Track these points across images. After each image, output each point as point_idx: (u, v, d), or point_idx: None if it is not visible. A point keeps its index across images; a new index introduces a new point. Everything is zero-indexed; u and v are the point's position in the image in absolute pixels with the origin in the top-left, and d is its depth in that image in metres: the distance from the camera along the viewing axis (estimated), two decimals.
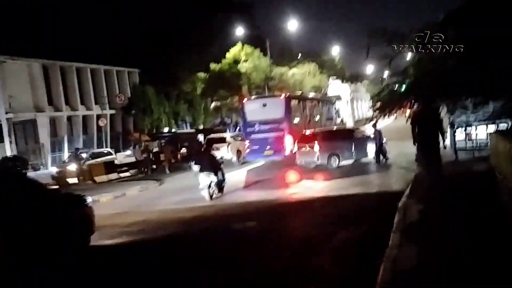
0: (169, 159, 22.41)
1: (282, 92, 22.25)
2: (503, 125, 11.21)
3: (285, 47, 43.58)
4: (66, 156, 27.39)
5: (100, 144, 32.19)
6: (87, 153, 22.64)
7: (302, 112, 20.43)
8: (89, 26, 32.15)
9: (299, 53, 45.83)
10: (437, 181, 8.62)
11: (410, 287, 4.27)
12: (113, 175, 21.49)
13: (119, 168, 22.66)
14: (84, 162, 21.20)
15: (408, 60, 10.55)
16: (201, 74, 35.45)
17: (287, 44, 43.54)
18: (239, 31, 34.58)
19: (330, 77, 44.83)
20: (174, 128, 36.26)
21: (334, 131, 18.15)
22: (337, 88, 43.96)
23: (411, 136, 9.04)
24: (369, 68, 59.33)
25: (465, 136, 13.24)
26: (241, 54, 34.29)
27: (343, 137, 16.70)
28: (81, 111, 34.04)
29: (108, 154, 23.82)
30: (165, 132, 32.65)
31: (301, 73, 37.22)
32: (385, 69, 11.39)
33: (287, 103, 18.85)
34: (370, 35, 8.00)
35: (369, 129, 17.16)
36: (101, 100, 35.47)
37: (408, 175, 11.23)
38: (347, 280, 5.01)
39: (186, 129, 36.87)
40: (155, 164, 22.78)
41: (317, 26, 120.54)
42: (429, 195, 8.14)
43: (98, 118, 31.93)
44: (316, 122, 21.46)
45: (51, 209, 6.88)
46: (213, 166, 11.95)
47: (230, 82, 33.69)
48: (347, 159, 16.13)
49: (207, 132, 26.06)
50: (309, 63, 39.84)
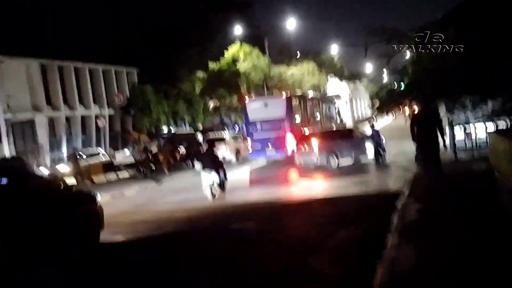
0: (168, 159, 22.34)
1: (282, 92, 22.29)
2: (502, 124, 11.17)
3: (284, 46, 43.49)
4: (65, 156, 27.25)
5: (99, 144, 32.12)
6: (76, 154, 22.09)
7: (303, 112, 20.58)
8: (88, 26, 32.05)
9: (298, 52, 45.73)
10: (437, 181, 8.59)
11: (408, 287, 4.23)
12: (112, 176, 21.42)
13: (118, 168, 22.59)
14: (75, 163, 20.84)
15: (407, 59, 10.53)
16: (200, 74, 35.37)
17: (286, 43, 43.45)
18: (238, 30, 34.50)
19: (329, 76, 44.72)
20: (173, 128, 36.19)
21: (333, 131, 18.14)
22: (337, 87, 43.86)
23: (410, 136, 9.01)
24: (368, 67, 59.37)
25: (465, 136, 13.22)
26: (240, 54, 34.20)
27: (342, 137, 16.68)
28: (80, 111, 33.92)
29: (99, 155, 23.64)
30: (164, 132, 32.59)
31: (300, 73, 37.11)
32: (384, 68, 11.35)
33: (289, 103, 19.05)
34: (369, 34, 7.99)
35: (368, 129, 17.13)
36: (100, 100, 35.38)
37: (407, 175, 11.21)
38: (347, 280, 4.98)
39: (185, 129, 36.81)
40: (154, 164, 22.70)
41: (317, 25, 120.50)
42: (428, 195, 8.11)
43: (97, 118, 31.85)
44: (317, 122, 21.55)
45: (64, 206, 7.20)
46: (216, 165, 12.01)
47: (229, 82, 33.61)
48: (346, 159, 16.09)
49: (206, 132, 25.99)
50: (308, 62, 39.73)
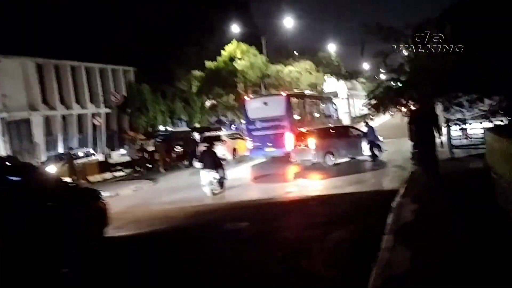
0: (164, 158, 22.25)
1: (279, 90, 22.40)
2: (499, 123, 11.13)
3: (282, 45, 43.40)
4: (54, 156, 27.03)
5: (96, 143, 32.01)
6: (65, 153, 21.79)
7: (302, 110, 20.79)
8: (85, 24, 31.88)
9: (295, 51, 45.62)
10: (433, 180, 8.56)
11: None
12: (108, 175, 21.32)
13: (114, 167, 22.49)
14: (65, 163, 20.60)
15: (404, 57, 10.46)
16: (197, 72, 35.26)
17: (284, 42, 43.37)
18: (236, 29, 34.44)
19: (326, 75, 44.65)
20: (170, 127, 36.07)
21: (330, 129, 18.11)
22: (334, 86, 43.84)
23: (408, 134, 8.96)
24: (365, 65, 59.30)
25: (462, 134, 13.19)
26: (237, 52, 34.09)
27: (339, 135, 16.66)
28: (76, 110, 33.80)
29: (89, 155, 23.51)
30: (161, 131, 32.47)
31: (298, 71, 37.02)
32: (380, 67, 11.30)
33: (288, 101, 19.26)
34: (365, 32, 7.94)
35: (364, 127, 17.14)
36: (97, 99, 35.24)
37: (404, 173, 11.18)
38: (342, 283, 4.93)
39: (181, 128, 36.70)
40: (150, 163, 22.61)
41: (314, 24, 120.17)
42: (425, 194, 8.07)
43: (94, 117, 31.72)
44: (316, 119, 21.69)
45: (73, 203, 7.54)
46: (215, 163, 12.13)
47: (226, 80, 33.50)
48: (343, 157, 16.06)
49: (203, 131, 25.91)
50: (305, 61, 39.65)
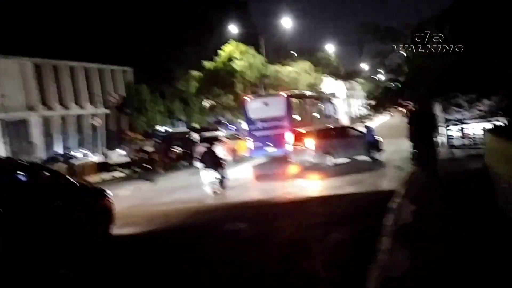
0: (163, 159, 22.22)
1: (278, 91, 22.43)
2: (498, 123, 11.16)
3: (280, 45, 43.43)
4: (47, 157, 27.03)
5: (95, 144, 31.96)
6: (62, 154, 21.73)
7: (302, 110, 20.84)
8: (84, 25, 31.87)
9: (294, 51, 45.68)
10: (432, 180, 8.55)
11: None
12: (106, 175, 21.29)
13: (113, 168, 22.45)
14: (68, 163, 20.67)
15: (402, 57, 10.48)
16: (196, 73, 35.25)
17: (282, 42, 43.40)
18: (234, 29, 34.42)
19: (324, 75, 44.68)
20: (169, 127, 36.03)
21: (329, 129, 18.08)
22: (333, 86, 43.82)
23: (406, 134, 8.95)
24: (364, 66, 59.37)
25: (461, 134, 13.21)
26: (235, 52, 34.06)
27: (338, 135, 16.63)
28: (75, 110, 33.75)
29: (86, 156, 23.48)
30: (160, 131, 32.43)
31: (296, 71, 37.03)
32: (379, 67, 11.32)
33: (288, 101, 19.32)
34: (363, 32, 7.95)
35: (363, 127, 17.15)
36: (95, 99, 35.20)
37: (403, 174, 11.15)
38: (341, 282, 4.92)
39: (180, 128, 36.68)
40: (149, 164, 22.57)
41: (313, 24, 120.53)
42: (424, 195, 8.06)
43: (92, 117, 31.69)
44: (316, 120, 21.72)
45: (81, 201, 7.79)
46: (216, 163, 12.19)
47: (225, 80, 33.49)
48: (342, 157, 16.04)
49: (201, 131, 25.91)
50: (304, 61, 39.67)
